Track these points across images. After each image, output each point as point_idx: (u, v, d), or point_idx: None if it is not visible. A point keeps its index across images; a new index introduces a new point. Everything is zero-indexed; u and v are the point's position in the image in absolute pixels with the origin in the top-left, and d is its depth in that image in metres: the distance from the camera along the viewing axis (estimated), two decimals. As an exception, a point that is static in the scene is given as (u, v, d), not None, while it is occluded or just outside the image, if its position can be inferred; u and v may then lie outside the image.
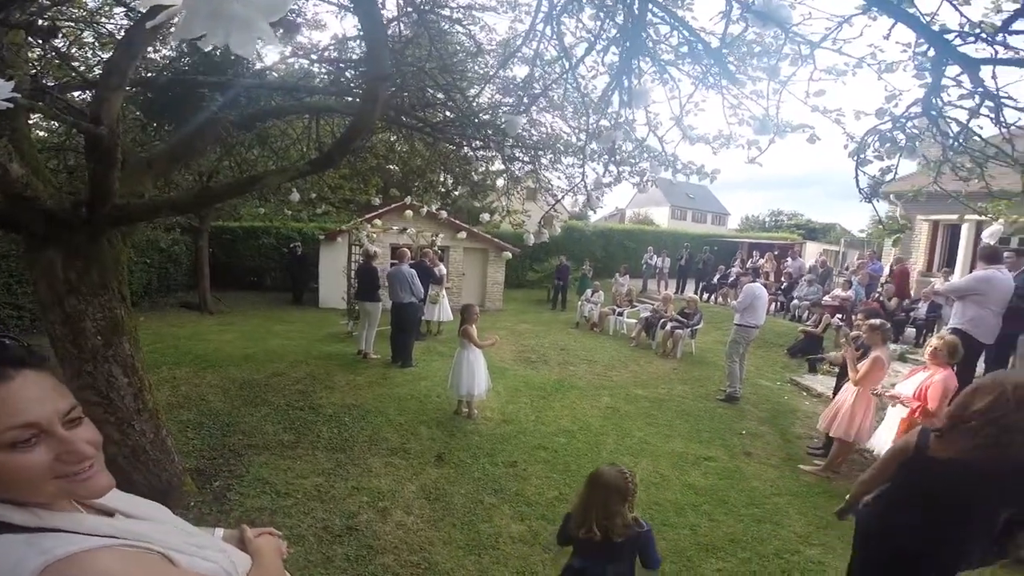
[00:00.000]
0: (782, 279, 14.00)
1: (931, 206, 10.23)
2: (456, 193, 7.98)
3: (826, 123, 3.10)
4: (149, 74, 3.78)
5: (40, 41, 2.85)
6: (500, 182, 6.57)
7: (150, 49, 4.32)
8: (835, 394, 5.46)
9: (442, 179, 7.09)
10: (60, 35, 3.26)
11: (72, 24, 3.70)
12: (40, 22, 2.49)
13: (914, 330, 9.05)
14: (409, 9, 3.48)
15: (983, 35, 1.73)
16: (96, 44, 3.80)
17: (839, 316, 9.73)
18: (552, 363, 8.20)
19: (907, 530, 2.08)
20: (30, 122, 4.94)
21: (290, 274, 13.15)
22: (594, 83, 3.83)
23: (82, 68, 3.37)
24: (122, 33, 3.38)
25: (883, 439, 4.20)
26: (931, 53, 2.02)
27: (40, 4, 2.83)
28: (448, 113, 4.99)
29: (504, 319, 11.84)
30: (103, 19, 3.75)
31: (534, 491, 4.02)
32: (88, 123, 2.21)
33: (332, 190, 8.48)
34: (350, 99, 4.52)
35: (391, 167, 7.19)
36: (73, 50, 3.72)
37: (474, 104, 4.43)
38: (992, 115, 2.17)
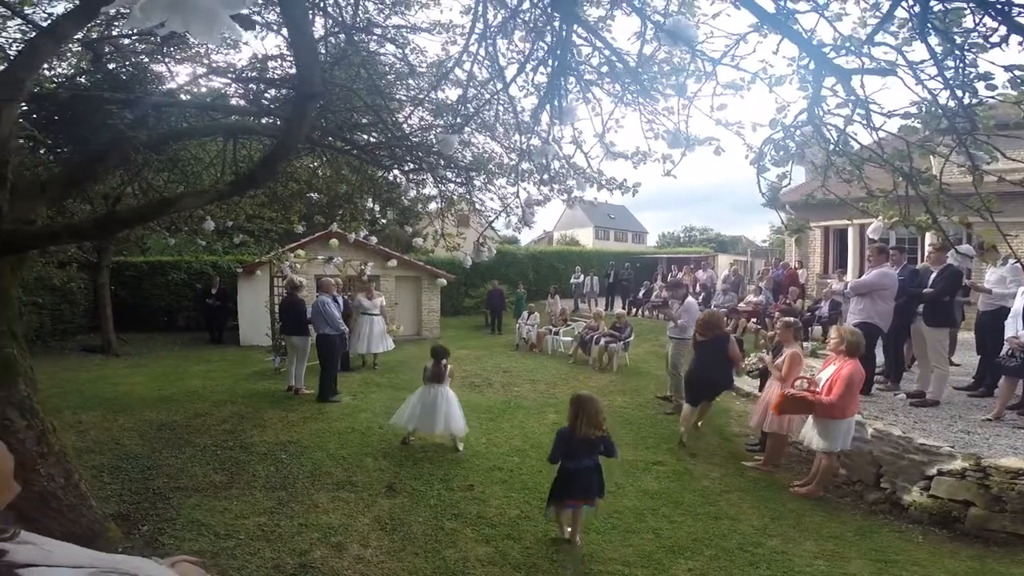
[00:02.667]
0: (698, 290, 15.00)
1: (822, 213, 11.56)
2: (384, 220, 7.87)
3: (728, 135, 3.45)
4: (39, 89, 3.45)
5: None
6: (432, 207, 6.59)
7: (44, 65, 3.95)
8: (761, 390, 5.90)
9: (370, 205, 6.97)
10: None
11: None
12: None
13: (820, 328, 9.99)
14: (336, 29, 3.48)
15: (852, 48, 2.05)
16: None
17: (754, 320, 10.59)
18: (496, 385, 8.17)
19: (707, 368, 5.51)
20: None
21: (205, 312, 12.17)
22: (524, 103, 4.01)
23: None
24: (14, 48, 3.07)
25: (807, 430, 4.48)
26: (811, 66, 2.36)
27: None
28: (375, 136, 4.97)
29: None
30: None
31: (495, 512, 3.94)
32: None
33: (250, 219, 8.03)
34: (269, 120, 4.38)
35: (313, 195, 6.98)
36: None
37: (404, 126, 4.46)
38: (863, 121, 2.54)
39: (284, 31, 3.05)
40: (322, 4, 3.05)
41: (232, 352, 10.60)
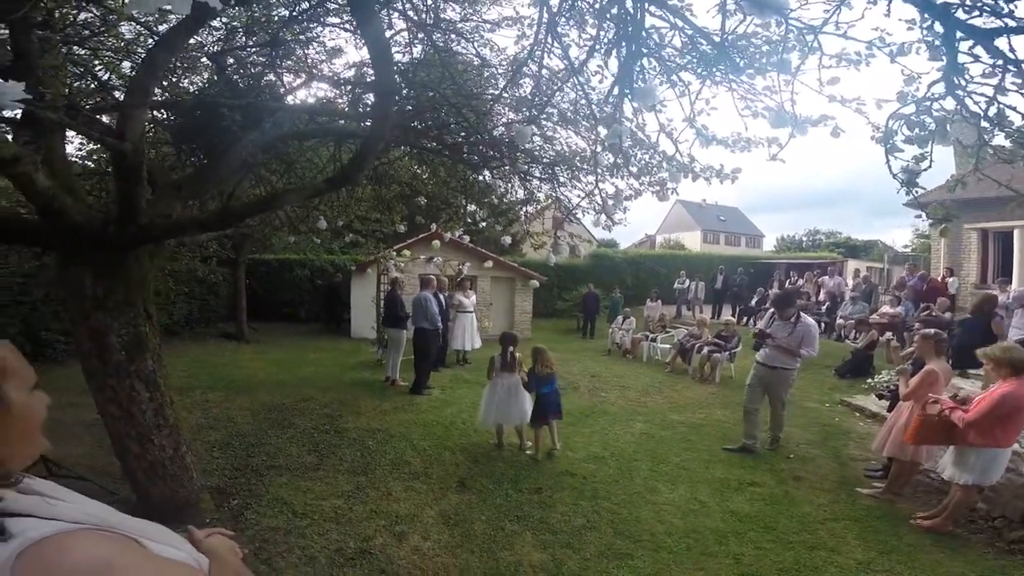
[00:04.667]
0: (823, 299, 13.38)
1: (980, 213, 9.64)
2: (483, 224, 8.03)
3: (848, 115, 2.98)
4: (177, 99, 4.03)
5: (81, 70, 3.08)
6: (523, 211, 6.57)
7: (185, 80, 4.63)
8: (890, 411, 5.08)
9: (467, 207, 7.14)
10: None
11: (112, 54, 4.00)
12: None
13: (973, 346, 8.41)
14: (420, 34, 3.59)
15: (986, 7, 1.62)
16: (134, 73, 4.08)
17: (889, 334, 9.16)
18: (582, 389, 7.97)
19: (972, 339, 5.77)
20: (77, 152, 5.31)
21: (326, 305, 13.49)
22: (602, 93, 3.82)
23: (120, 96, 3.63)
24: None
25: (946, 457, 3.87)
26: (938, 28, 1.92)
27: (81, 35, 3.07)
28: (462, 137, 5.06)
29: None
30: (140, 50, 4.03)
31: (559, 518, 3.83)
32: (114, 139, 2.33)
33: (361, 220, 8.67)
34: (368, 124, 4.65)
35: (421, 200, 7.32)
36: (113, 79, 4.01)
37: (486, 122, 4.51)
38: (1020, 89, 2.02)
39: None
40: (401, 6, 3.17)
41: (344, 343, 11.57)
